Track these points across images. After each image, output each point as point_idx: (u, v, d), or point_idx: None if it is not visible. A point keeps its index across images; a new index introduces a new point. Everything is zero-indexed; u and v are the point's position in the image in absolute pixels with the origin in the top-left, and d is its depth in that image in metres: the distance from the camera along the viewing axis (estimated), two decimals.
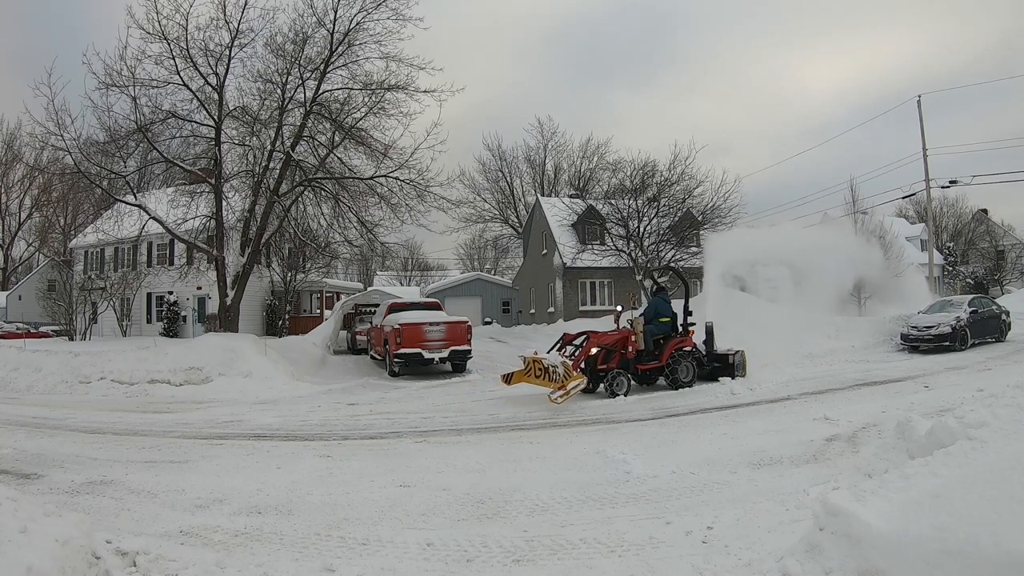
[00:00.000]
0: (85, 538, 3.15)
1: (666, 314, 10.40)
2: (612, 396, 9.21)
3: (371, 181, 15.89)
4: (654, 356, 10.02)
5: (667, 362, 9.89)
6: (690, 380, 9.91)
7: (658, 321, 10.31)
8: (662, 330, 10.26)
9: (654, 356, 10.02)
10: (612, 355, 9.76)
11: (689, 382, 9.89)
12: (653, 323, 10.25)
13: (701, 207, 20.25)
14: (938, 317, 14.04)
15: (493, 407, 9.13)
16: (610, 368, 9.59)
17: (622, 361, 9.76)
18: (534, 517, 4.23)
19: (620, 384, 9.40)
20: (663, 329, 10.28)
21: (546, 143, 39.30)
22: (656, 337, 10.13)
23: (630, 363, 9.85)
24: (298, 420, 8.54)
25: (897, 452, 4.46)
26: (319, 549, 3.75)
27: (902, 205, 38.12)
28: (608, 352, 9.76)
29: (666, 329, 10.31)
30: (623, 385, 9.41)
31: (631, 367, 9.85)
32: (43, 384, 12.51)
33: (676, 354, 9.95)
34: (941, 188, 22.65)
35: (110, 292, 23.70)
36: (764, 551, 3.31)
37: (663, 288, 11.00)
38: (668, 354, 9.94)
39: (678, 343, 10.12)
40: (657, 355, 10.01)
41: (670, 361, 9.89)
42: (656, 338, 10.13)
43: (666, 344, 10.07)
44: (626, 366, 9.77)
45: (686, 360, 9.99)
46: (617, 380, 9.40)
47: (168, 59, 14.38)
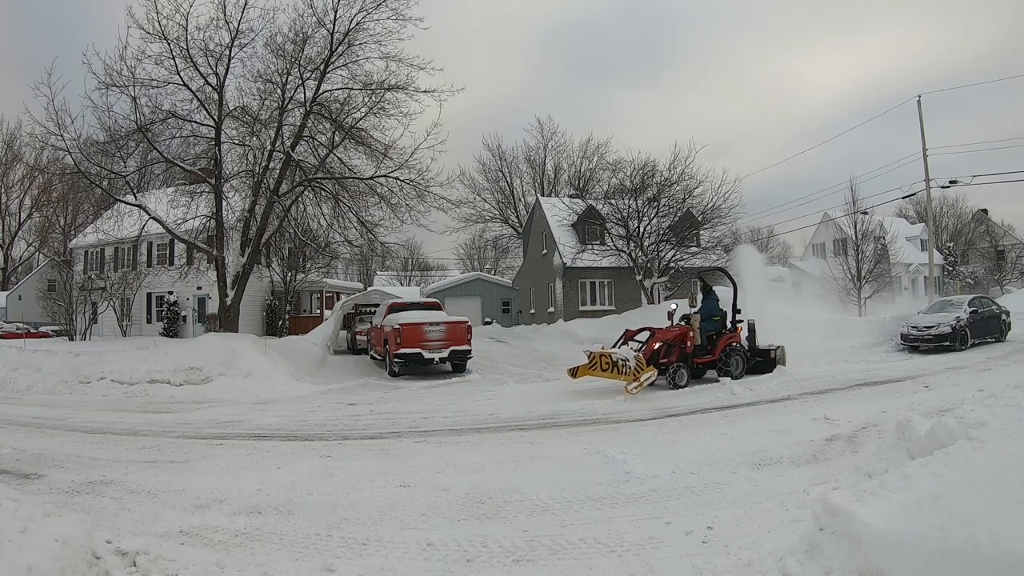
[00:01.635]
0: (85, 538, 3.16)
1: (716, 313, 11.13)
2: (674, 387, 9.94)
3: (371, 181, 15.88)
4: (707, 351, 10.78)
5: (720, 356, 10.64)
6: (740, 373, 10.60)
7: (711, 319, 11.01)
8: (713, 327, 10.98)
9: (707, 351, 10.78)
10: (672, 349, 10.43)
11: (739, 375, 10.54)
12: (707, 321, 10.95)
13: (701, 207, 20.27)
14: (938, 317, 14.04)
15: (493, 407, 9.13)
16: (671, 362, 10.26)
17: (681, 355, 10.47)
18: (534, 517, 4.23)
19: (682, 376, 10.10)
20: (714, 327, 11.00)
21: (546, 143, 39.36)
22: (709, 334, 10.87)
23: (688, 357, 10.56)
24: (298, 420, 8.54)
25: (897, 452, 4.46)
26: (319, 549, 3.75)
27: (902, 205, 38.16)
28: (669, 347, 10.41)
29: (717, 327, 11.02)
30: (684, 377, 10.11)
31: (689, 361, 10.55)
32: (43, 384, 12.51)
33: (728, 349, 10.72)
34: (941, 188, 22.61)
35: (110, 292, 23.70)
36: (764, 551, 3.31)
37: (711, 289, 11.69)
38: (721, 349, 10.71)
39: (729, 339, 10.86)
40: (710, 350, 10.77)
41: (723, 355, 10.63)
42: (709, 334, 10.86)
43: (718, 340, 10.82)
44: (685, 360, 10.46)
45: (736, 354, 10.73)
46: (679, 372, 10.13)
47: (168, 59, 14.39)
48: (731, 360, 10.64)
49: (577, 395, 9.82)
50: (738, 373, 10.55)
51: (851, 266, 27.20)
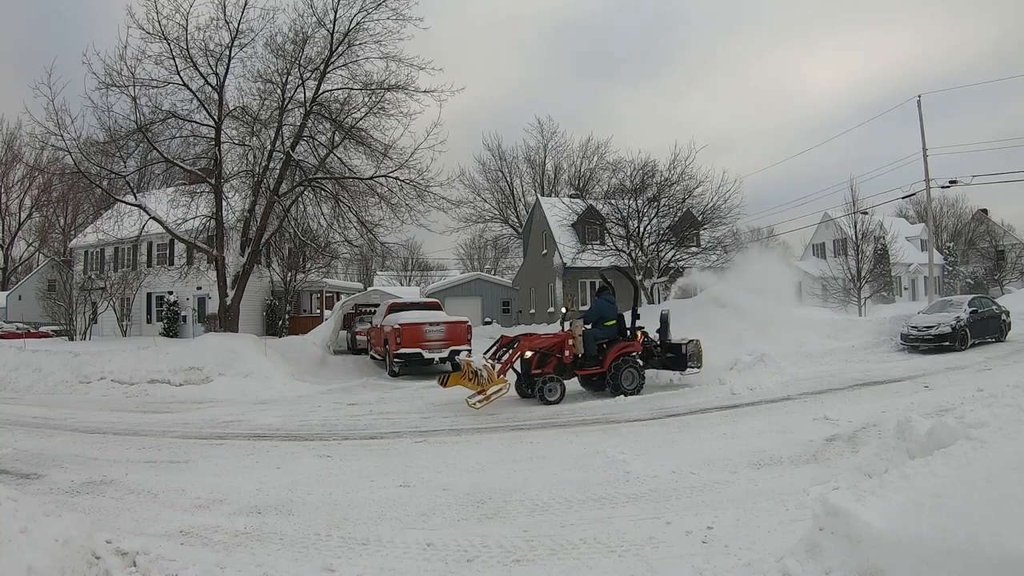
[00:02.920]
0: (85, 538, 3.15)
1: (611, 316, 9.81)
2: (544, 403, 8.87)
3: (371, 181, 15.89)
4: (598, 361, 9.46)
5: (610, 368, 9.36)
6: (634, 387, 9.38)
7: (603, 325, 9.76)
8: (607, 334, 9.69)
9: (598, 361, 9.46)
10: (548, 359, 9.33)
11: (633, 389, 9.35)
12: (597, 326, 9.72)
13: (701, 207, 20.27)
14: (938, 317, 14.04)
15: (493, 407, 9.11)
16: (545, 373, 9.19)
17: (559, 366, 9.31)
18: (534, 517, 4.23)
19: (552, 391, 8.98)
20: (608, 333, 9.71)
21: (546, 143, 39.39)
22: (600, 341, 9.58)
23: (567, 368, 9.37)
24: (298, 420, 8.54)
25: (897, 452, 4.47)
26: (319, 549, 3.75)
27: (902, 205, 38.16)
28: (543, 356, 9.34)
29: (611, 333, 9.73)
30: (555, 392, 9.00)
31: (569, 372, 9.40)
32: (43, 384, 12.51)
33: (619, 360, 9.40)
34: (941, 188, 22.61)
35: (110, 292, 23.71)
36: (764, 551, 3.31)
37: (608, 288, 10.35)
38: (611, 359, 9.38)
39: (623, 348, 9.54)
40: (602, 360, 9.45)
41: (613, 367, 9.35)
42: (600, 342, 9.58)
43: (609, 349, 9.49)
44: (563, 371, 9.33)
45: (630, 366, 9.45)
46: (549, 386, 8.98)
47: (168, 59, 14.40)
48: (623, 373, 9.30)
49: (577, 395, 9.83)
50: (632, 387, 9.32)
51: (851, 266, 27.20)
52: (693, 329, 14.81)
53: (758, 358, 11.24)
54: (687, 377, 10.27)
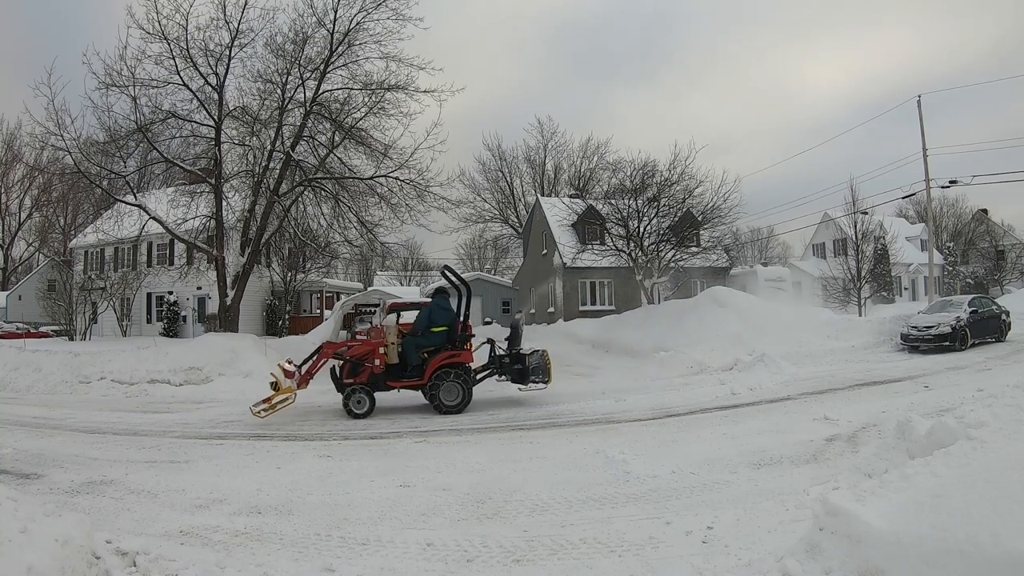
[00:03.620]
0: (85, 538, 3.16)
1: (442, 322, 8.87)
2: (351, 416, 8.26)
3: (371, 181, 15.89)
4: (422, 371, 8.63)
5: (429, 380, 8.53)
6: (457, 403, 8.48)
7: (430, 331, 8.83)
8: (433, 342, 8.78)
9: (422, 371, 8.63)
10: (360, 369, 8.60)
11: (455, 406, 8.45)
12: (424, 334, 8.82)
13: (701, 207, 20.24)
14: (938, 317, 14.04)
15: (493, 407, 9.13)
16: (357, 383, 8.49)
17: (371, 376, 8.57)
18: (534, 517, 4.23)
19: (360, 403, 8.32)
20: (434, 341, 8.79)
21: (546, 143, 39.33)
22: (425, 349, 8.76)
23: (379, 378, 8.62)
24: (298, 420, 8.52)
25: (897, 452, 4.47)
26: (319, 549, 3.75)
27: (902, 205, 38.16)
28: (355, 365, 8.64)
29: (439, 341, 8.80)
30: (363, 405, 8.33)
31: (382, 383, 8.64)
32: (43, 384, 12.51)
33: (442, 371, 8.53)
34: (941, 188, 22.59)
35: (110, 292, 23.72)
36: (764, 551, 3.31)
37: (443, 291, 9.39)
38: (432, 371, 8.53)
39: (447, 358, 8.63)
40: (424, 370, 8.65)
41: (433, 380, 8.50)
42: (425, 350, 8.76)
43: (431, 359, 8.66)
44: (376, 382, 8.60)
45: (452, 379, 8.52)
46: (356, 399, 8.31)
47: (168, 59, 14.41)
48: (443, 387, 8.44)
49: (578, 395, 9.82)
50: (454, 403, 8.42)
51: (851, 266, 27.19)
52: (693, 329, 14.92)
53: (758, 358, 11.26)
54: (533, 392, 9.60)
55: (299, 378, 8.36)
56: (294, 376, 8.24)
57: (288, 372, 8.21)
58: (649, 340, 15.28)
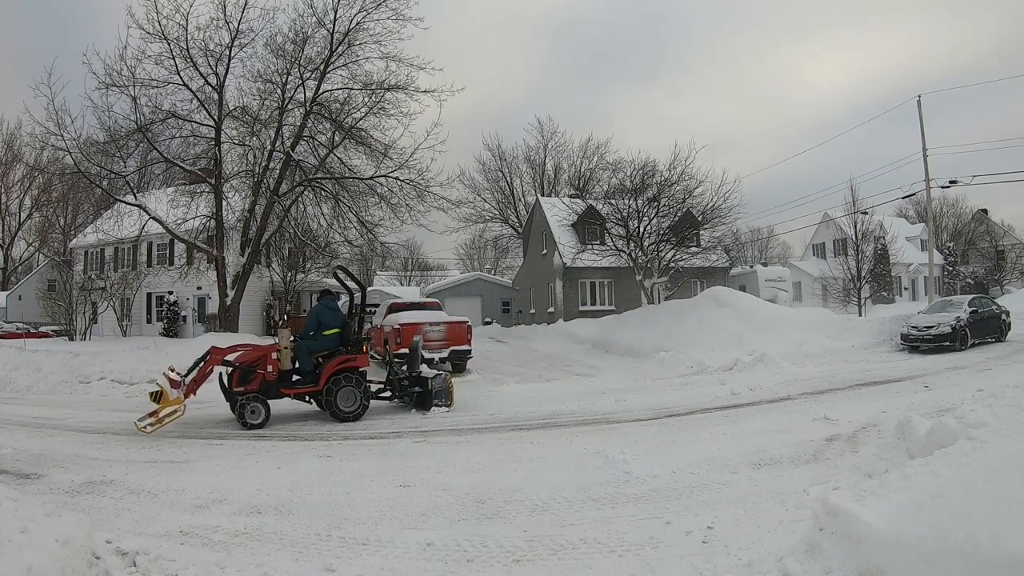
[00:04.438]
0: (85, 538, 3.16)
1: (332, 324, 8.54)
2: (246, 427, 7.76)
3: (371, 181, 15.91)
4: (316, 377, 8.33)
5: (325, 385, 8.18)
6: (355, 409, 8.17)
7: (321, 335, 8.48)
8: (326, 345, 8.46)
9: (316, 377, 8.33)
10: (251, 376, 8.14)
11: (354, 412, 8.15)
12: (315, 336, 8.48)
13: (701, 207, 20.24)
14: (938, 317, 14.04)
15: (493, 407, 9.13)
16: (249, 391, 8.03)
17: (264, 384, 8.13)
18: (534, 517, 4.23)
19: (255, 412, 7.87)
20: (327, 344, 8.47)
21: (546, 143, 39.30)
22: (318, 354, 8.43)
23: (272, 386, 8.19)
24: (298, 420, 8.52)
25: (897, 452, 4.47)
26: (319, 549, 3.75)
27: (902, 205, 38.17)
28: (245, 372, 8.15)
29: (332, 344, 8.49)
30: (259, 414, 7.87)
31: (273, 390, 8.20)
32: (43, 384, 12.50)
33: (338, 376, 8.20)
34: (941, 188, 22.58)
35: (110, 292, 23.70)
36: (764, 551, 3.31)
37: (329, 292, 9.14)
38: (327, 376, 8.18)
39: (342, 361, 8.30)
40: (318, 375, 8.33)
41: (329, 384, 8.16)
42: (319, 354, 8.44)
43: (327, 363, 8.33)
44: (269, 389, 8.16)
45: (350, 384, 8.20)
46: (251, 407, 7.86)
47: (168, 59, 14.45)
48: (339, 392, 8.11)
49: (578, 395, 9.83)
50: (351, 409, 8.13)
51: (851, 266, 27.19)
52: (693, 329, 14.92)
53: (758, 358, 11.26)
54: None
55: (185, 388, 7.83)
56: (179, 386, 7.69)
57: (174, 382, 7.64)
58: (649, 340, 15.28)
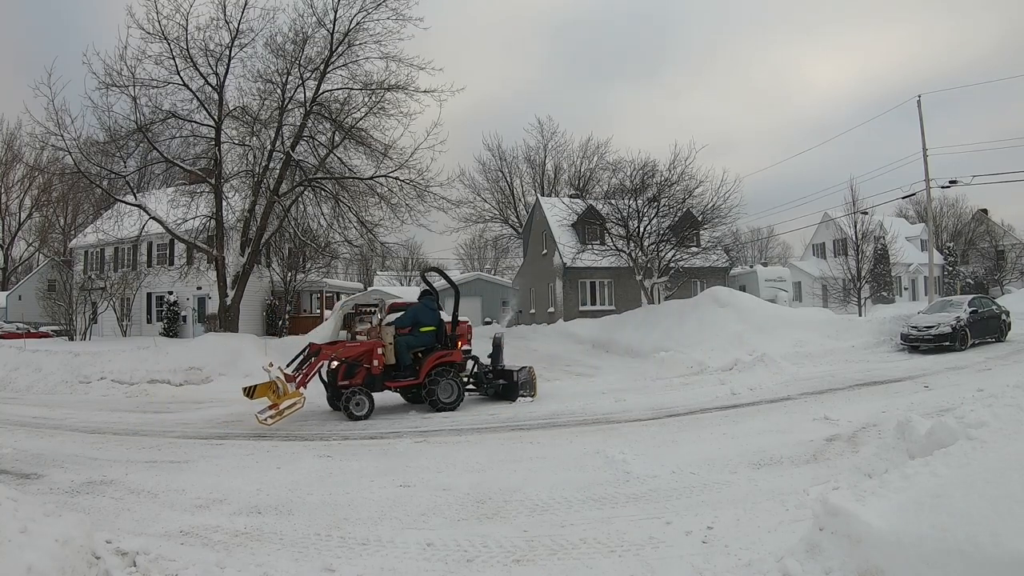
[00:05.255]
0: (85, 538, 3.16)
1: (429, 322, 9.05)
2: (351, 418, 8.18)
3: (371, 181, 15.90)
4: (415, 371, 8.80)
5: (426, 379, 8.69)
6: (453, 401, 8.71)
7: (419, 331, 9.00)
8: (423, 342, 8.98)
9: (415, 371, 8.80)
10: (356, 370, 8.60)
11: (452, 403, 8.68)
12: (413, 333, 8.97)
13: (701, 207, 20.24)
14: (938, 317, 14.03)
15: (493, 407, 9.13)
16: (353, 385, 8.46)
17: (368, 377, 8.59)
18: (534, 517, 4.23)
19: (360, 405, 8.28)
20: (424, 340, 8.98)
21: (546, 143, 39.26)
22: (416, 349, 8.94)
23: (377, 379, 8.66)
24: (298, 420, 8.52)
25: (897, 452, 4.47)
26: (319, 549, 3.75)
27: (902, 205, 38.13)
28: (351, 366, 8.62)
29: (428, 341, 9.00)
30: (363, 406, 8.29)
31: (379, 384, 8.69)
32: (43, 384, 12.51)
33: (437, 370, 8.72)
34: (941, 188, 22.57)
35: (110, 292, 23.70)
36: (764, 551, 3.31)
37: (429, 292, 9.52)
38: (427, 370, 8.68)
39: (440, 357, 8.81)
40: (417, 370, 8.80)
41: (429, 378, 8.68)
42: (416, 350, 8.94)
43: (425, 358, 8.83)
44: (373, 382, 8.62)
45: (448, 377, 8.74)
46: (356, 400, 8.27)
47: (168, 59, 14.43)
48: (440, 385, 8.61)
49: (578, 395, 9.83)
50: (450, 400, 8.65)
51: (851, 266, 27.19)
52: (693, 329, 14.92)
53: (758, 358, 11.26)
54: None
55: (297, 382, 8.24)
56: (295, 380, 8.17)
57: (289, 376, 8.14)
58: (649, 340, 15.28)
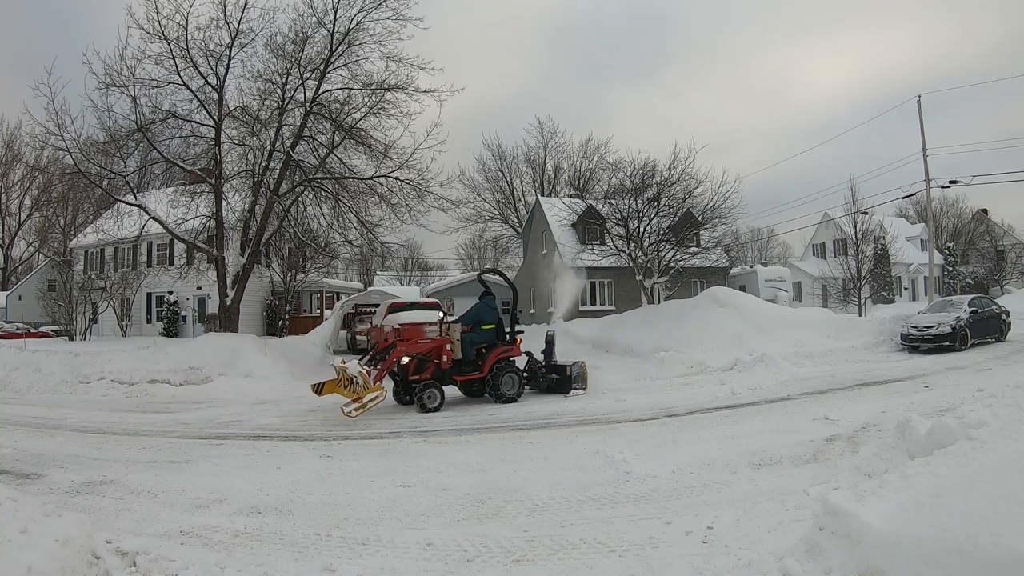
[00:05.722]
0: (85, 538, 3.15)
1: (490, 320, 9.68)
2: (423, 411, 8.62)
3: (371, 181, 15.88)
4: (477, 366, 9.37)
5: (489, 373, 9.28)
6: (515, 393, 9.33)
7: (480, 328, 9.61)
8: (485, 338, 9.55)
9: (477, 366, 9.37)
10: (426, 365, 9.15)
11: (514, 395, 9.31)
12: (475, 330, 9.57)
13: (701, 207, 20.24)
14: (938, 317, 14.03)
15: (493, 407, 9.13)
16: (424, 379, 9.00)
17: (437, 372, 9.14)
18: (534, 517, 4.23)
19: (432, 397, 8.75)
20: (486, 337, 9.56)
21: (546, 143, 39.23)
22: (479, 346, 9.49)
23: (446, 374, 9.21)
24: (298, 420, 8.54)
25: (897, 452, 4.47)
26: (319, 549, 3.75)
27: (902, 205, 38.12)
28: (421, 362, 9.15)
29: (490, 337, 9.58)
30: (435, 398, 8.77)
31: (448, 378, 9.25)
32: (43, 384, 12.51)
33: (499, 365, 9.33)
34: (941, 188, 22.56)
35: (110, 292, 23.69)
36: (764, 551, 3.31)
37: (490, 292, 10.15)
38: (490, 364, 9.29)
39: (502, 352, 9.43)
40: (480, 365, 9.36)
41: (492, 372, 9.28)
42: (479, 347, 9.48)
43: (488, 354, 9.40)
44: (442, 377, 9.16)
45: (510, 371, 9.39)
46: (428, 393, 8.75)
47: (168, 59, 14.40)
48: (502, 378, 9.25)
49: (578, 395, 9.82)
50: (512, 393, 9.26)
51: (851, 266, 27.18)
52: (693, 329, 14.91)
53: (758, 358, 11.26)
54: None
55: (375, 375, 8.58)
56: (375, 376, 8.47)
57: (370, 372, 8.45)
58: (649, 340, 15.26)
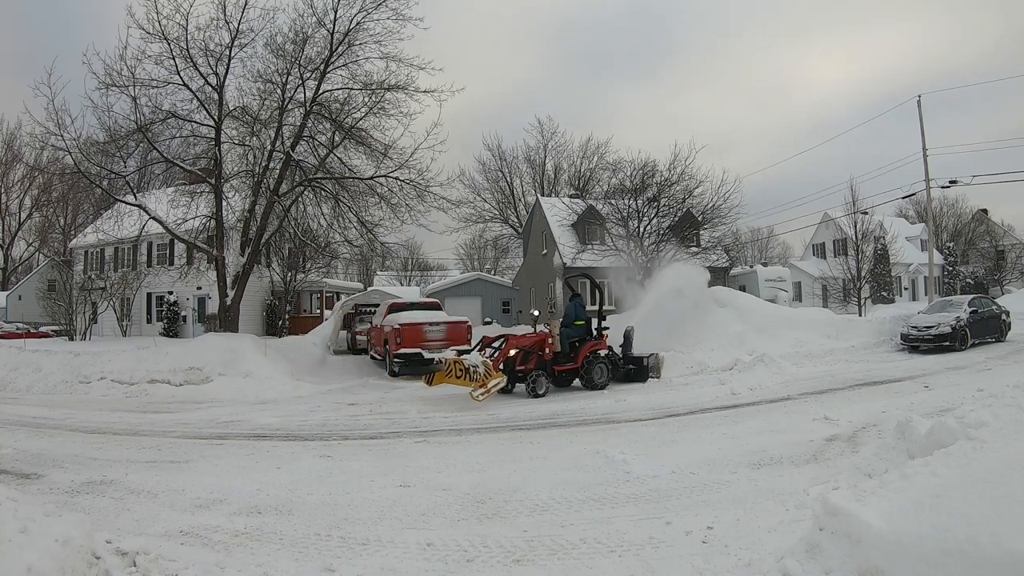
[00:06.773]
0: (85, 538, 3.15)
1: (580, 318, 10.83)
2: (533, 396, 9.66)
3: (371, 181, 15.88)
4: (570, 358, 10.42)
5: (582, 364, 10.29)
6: (604, 382, 10.34)
7: (573, 325, 10.72)
8: (577, 333, 10.66)
9: (570, 358, 10.42)
10: (530, 357, 10.19)
11: (603, 384, 10.31)
12: (569, 327, 10.66)
13: (701, 207, 20.27)
14: (938, 317, 14.03)
15: (493, 407, 9.13)
16: (528, 369, 10.02)
17: (540, 363, 10.17)
18: (534, 517, 4.23)
19: (540, 384, 9.83)
20: (578, 333, 10.68)
21: (546, 143, 39.24)
22: (572, 340, 10.54)
23: (547, 364, 10.23)
24: (298, 420, 8.54)
25: (897, 452, 4.47)
26: (319, 549, 3.75)
27: (902, 205, 38.11)
28: (526, 354, 10.18)
29: (581, 333, 10.71)
30: (543, 385, 9.86)
31: (548, 368, 10.22)
32: (43, 384, 12.51)
33: (591, 357, 10.39)
34: (941, 188, 22.58)
35: (110, 292, 23.68)
36: (764, 551, 3.31)
37: (578, 294, 11.52)
38: (583, 356, 10.35)
39: (593, 346, 10.55)
40: (573, 357, 10.41)
41: (585, 363, 10.29)
42: (572, 341, 10.53)
43: (581, 347, 10.48)
44: (544, 367, 10.14)
45: (600, 362, 10.42)
46: (538, 381, 9.83)
47: (168, 59, 14.40)
48: (594, 368, 10.33)
49: (577, 395, 9.83)
50: (602, 382, 10.30)
51: (851, 266, 27.18)
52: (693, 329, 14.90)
53: (758, 358, 11.26)
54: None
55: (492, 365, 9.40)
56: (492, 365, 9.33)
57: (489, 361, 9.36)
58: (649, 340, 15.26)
